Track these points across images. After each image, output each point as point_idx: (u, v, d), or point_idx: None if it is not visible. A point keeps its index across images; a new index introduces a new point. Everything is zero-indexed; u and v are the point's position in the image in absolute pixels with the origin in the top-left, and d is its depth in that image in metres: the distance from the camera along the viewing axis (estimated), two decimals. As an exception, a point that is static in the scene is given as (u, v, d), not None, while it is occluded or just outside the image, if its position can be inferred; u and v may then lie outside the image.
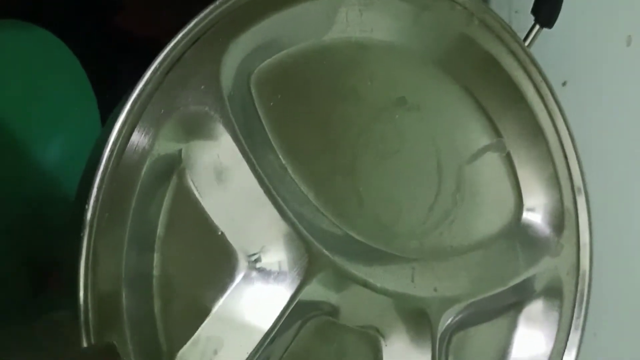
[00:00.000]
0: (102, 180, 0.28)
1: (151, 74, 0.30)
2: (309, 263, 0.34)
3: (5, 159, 0.43)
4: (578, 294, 0.46)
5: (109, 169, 0.29)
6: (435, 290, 0.39)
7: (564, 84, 0.45)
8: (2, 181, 0.42)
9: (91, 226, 0.28)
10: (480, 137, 0.44)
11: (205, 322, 0.32)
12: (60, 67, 0.48)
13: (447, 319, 0.40)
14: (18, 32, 0.46)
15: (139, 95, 0.29)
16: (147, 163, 0.30)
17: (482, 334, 0.44)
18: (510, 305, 0.45)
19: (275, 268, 0.34)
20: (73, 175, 0.37)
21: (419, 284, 0.39)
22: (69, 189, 0.45)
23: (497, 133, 0.45)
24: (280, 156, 0.35)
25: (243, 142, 0.32)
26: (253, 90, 0.35)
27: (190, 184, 0.33)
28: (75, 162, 0.37)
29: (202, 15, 0.31)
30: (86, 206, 0.28)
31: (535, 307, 0.46)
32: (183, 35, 0.31)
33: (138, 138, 0.29)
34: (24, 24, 0.46)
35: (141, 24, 0.54)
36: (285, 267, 0.34)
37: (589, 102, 0.50)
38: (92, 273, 0.28)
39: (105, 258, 0.29)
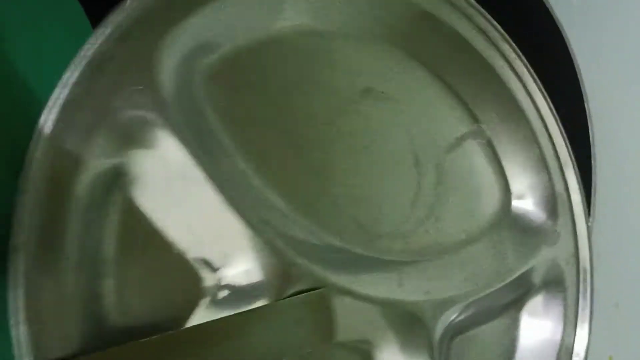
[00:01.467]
0: (31, 203, 0.25)
1: (78, 75, 0.26)
2: (283, 274, 0.30)
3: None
4: (581, 285, 0.43)
5: (36, 190, 0.25)
6: (427, 293, 0.35)
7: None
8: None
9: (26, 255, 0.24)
10: (458, 125, 0.41)
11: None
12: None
13: (444, 323, 0.36)
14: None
15: (64, 100, 0.26)
16: (81, 180, 0.26)
17: (484, 336, 0.40)
18: (510, 303, 0.41)
19: (245, 283, 0.30)
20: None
21: (409, 288, 0.35)
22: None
23: (474, 119, 0.42)
24: (240, 160, 0.32)
25: (194, 147, 0.29)
26: (201, 90, 0.31)
27: (137, 199, 0.29)
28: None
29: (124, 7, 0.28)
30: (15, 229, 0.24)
31: (538, 302, 0.42)
32: (110, 30, 0.27)
33: (68, 151, 0.26)
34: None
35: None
36: (256, 280, 0.30)
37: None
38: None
39: (46, 291, 0.25)
